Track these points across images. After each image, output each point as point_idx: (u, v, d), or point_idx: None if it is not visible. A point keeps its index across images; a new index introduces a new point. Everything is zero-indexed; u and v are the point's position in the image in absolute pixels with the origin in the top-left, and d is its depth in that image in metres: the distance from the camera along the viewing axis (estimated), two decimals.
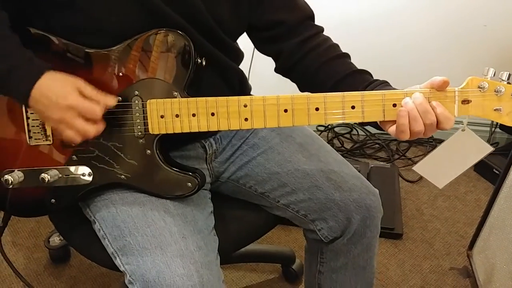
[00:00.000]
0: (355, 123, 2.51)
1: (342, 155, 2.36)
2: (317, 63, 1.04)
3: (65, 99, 0.86)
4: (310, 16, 1.08)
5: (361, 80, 0.99)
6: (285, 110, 0.88)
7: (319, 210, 1.06)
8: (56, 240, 1.65)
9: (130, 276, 0.89)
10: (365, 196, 1.05)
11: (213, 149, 1.11)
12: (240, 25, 1.05)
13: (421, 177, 2.16)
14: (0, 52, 0.86)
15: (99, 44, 0.92)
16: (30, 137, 0.97)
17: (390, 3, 2.21)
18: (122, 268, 0.92)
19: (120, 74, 0.93)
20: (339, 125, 2.52)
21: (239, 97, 0.89)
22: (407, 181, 2.15)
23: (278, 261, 1.65)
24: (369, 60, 2.28)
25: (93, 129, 0.88)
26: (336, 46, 1.07)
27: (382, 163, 2.25)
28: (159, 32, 0.91)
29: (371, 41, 2.28)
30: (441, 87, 0.86)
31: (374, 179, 2.02)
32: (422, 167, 1.01)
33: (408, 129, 0.86)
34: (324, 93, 0.87)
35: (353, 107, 0.86)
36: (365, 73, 1.02)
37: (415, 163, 1.02)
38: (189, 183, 0.95)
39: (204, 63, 0.94)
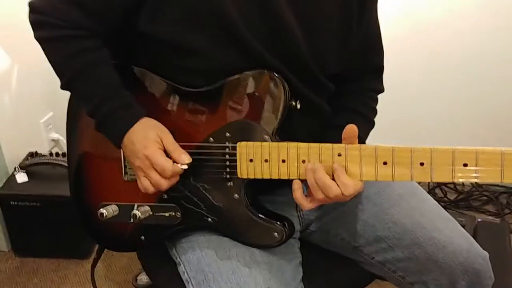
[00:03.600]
0: None
1: (444, 206, 2.19)
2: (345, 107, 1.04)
3: (145, 149, 0.88)
4: (382, 67, 1.08)
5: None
6: (385, 163, 0.81)
7: (418, 272, 0.95)
8: (143, 279, 1.66)
9: None
10: (473, 259, 0.93)
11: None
12: (341, 68, 1.00)
13: None
14: (103, 94, 0.90)
15: (194, 82, 0.92)
16: (125, 173, 0.99)
17: None
18: None
19: (212, 114, 0.92)
20: None
21: (333, 144, 0.84)
22: None
23: None
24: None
25: (166, 184, 0.89)
26: (371, 108, 1.07)
27: (490, 217, 2.05)
28: (254, 73, 0.89)
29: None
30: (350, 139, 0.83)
31: (481, 235, 1.82)
32: None
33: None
34: (431, 147, 0.78)
35: (465, 165, 0.77)
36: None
37: None
38: (276, 233, 0.91)
39: (298, 106, 0.90)
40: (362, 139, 0.98)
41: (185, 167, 0.89)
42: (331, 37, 0.94)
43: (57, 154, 1.85)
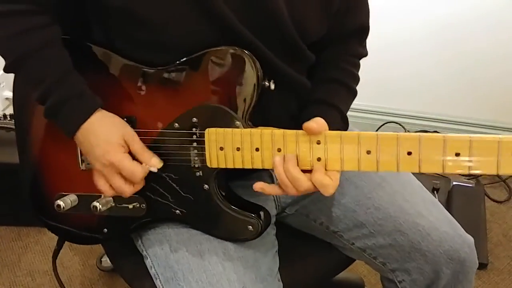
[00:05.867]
0: None
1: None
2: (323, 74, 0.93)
3: (108, 154, 0.78)
4: (366, 28, 0.96)
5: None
6: (368, 152, 0.73)
7: (401, 260, 0.91)
8: (108, 261, 1.56)
9: None
10: (458, 247, 0.88)
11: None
12: (322, 34, 0.89)
13: (510, 196, 1.92)
14: (52, 80, 0.79)
15: (160, 60, 0.81)
16: (82, 161, 0.89)
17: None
18: None
19: (176, 97, 0.82)
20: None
21: None
22: (494, 201, 1.91)
23: None
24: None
25: (129, 190, 0.81)
26: (352, 76, 0.95)
27: (465, 179, 2.02)
28: (222, 50, 0.78)
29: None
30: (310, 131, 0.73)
31: (456, 199, 1.80)
32: None
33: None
34: (419, 134, 0.71)
35: (457, 155, 0.69)
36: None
37: (504, 180, 0.83)
38: (251, 227, 0.83)
39: (272, 86, 0.80)
40: (343, 112, 0.90)
41: (155, 170, 0.81)
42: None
43: (11, 116, 1.71)
